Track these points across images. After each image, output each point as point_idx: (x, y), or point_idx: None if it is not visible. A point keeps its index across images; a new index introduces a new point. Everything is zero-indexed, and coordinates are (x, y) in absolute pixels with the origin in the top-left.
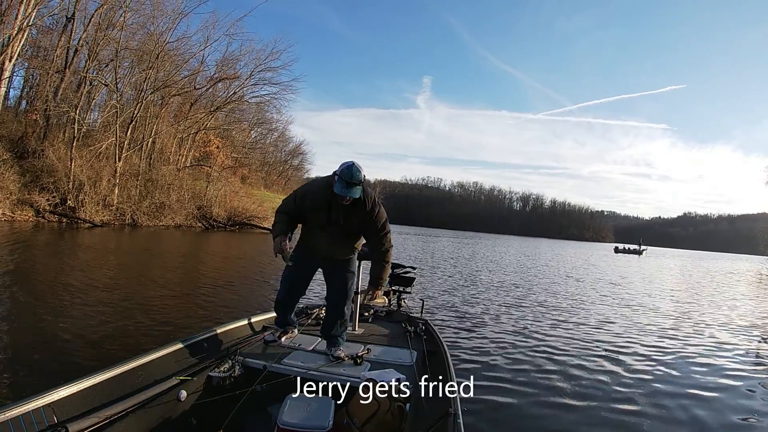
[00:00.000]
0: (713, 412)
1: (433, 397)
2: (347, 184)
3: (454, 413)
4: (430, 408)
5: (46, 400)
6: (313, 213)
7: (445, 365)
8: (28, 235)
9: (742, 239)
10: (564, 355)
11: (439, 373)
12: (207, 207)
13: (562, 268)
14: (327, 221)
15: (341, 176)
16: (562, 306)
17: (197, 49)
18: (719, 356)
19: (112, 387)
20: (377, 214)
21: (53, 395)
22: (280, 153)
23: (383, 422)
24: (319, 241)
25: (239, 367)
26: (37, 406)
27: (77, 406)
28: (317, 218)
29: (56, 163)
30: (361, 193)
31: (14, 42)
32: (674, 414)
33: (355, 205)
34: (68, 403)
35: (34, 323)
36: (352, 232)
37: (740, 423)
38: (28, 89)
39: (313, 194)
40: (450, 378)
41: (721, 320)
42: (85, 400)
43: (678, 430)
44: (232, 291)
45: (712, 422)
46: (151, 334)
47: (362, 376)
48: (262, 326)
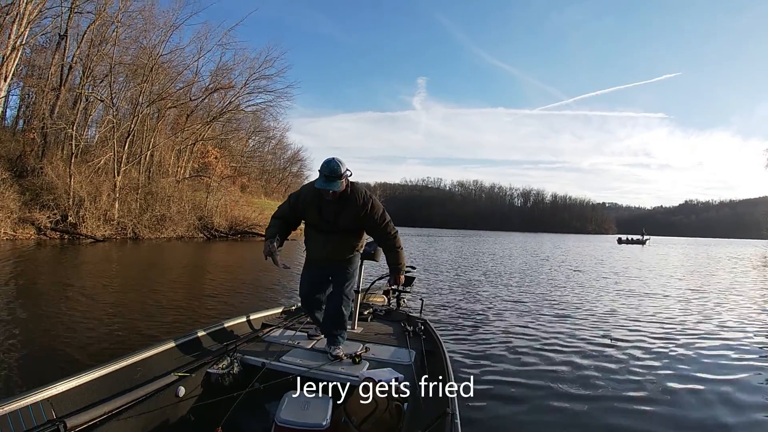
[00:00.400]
0: (728, 407)
1: (431, 397)
2: (326, 177)
3: (452, 413)
4: (427, 407)
5: (45, 395)
6: (306, 211)
7: (443, 365)
8: (31, 253)
9: (744, 224)
10: (565, 353)
11: (438, 373)
12: (208, 217)
13: (566, 262)
14: (320, 219)
15: (321, 171)
16: (564, 302)
17: (191, 60)
18: (734, 346)
19: (111, 382)
20: (372, 207)
21: (51, 390)
22: (279, 160)
23: (381, 421)
24: (318, 243)
25: (238, 365)
26: (35, 400)
27: (75, 401)
28: (311, 217)
29: (56, 180)
30: (350, 189)
31: (8, 62)
32: (683, 412)
33: (347, 202)
34: (66, 398)
35: (34, 327)
36: (348, 229)
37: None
38: (24, 108)
39: (305, 194)
40: (448, 378)
41: (732, 307)
42: (84, 395)
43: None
44: (236, 299)
45: (727, 417)
46: (155, 339)
47: (361, 375)
48: (261, 324)
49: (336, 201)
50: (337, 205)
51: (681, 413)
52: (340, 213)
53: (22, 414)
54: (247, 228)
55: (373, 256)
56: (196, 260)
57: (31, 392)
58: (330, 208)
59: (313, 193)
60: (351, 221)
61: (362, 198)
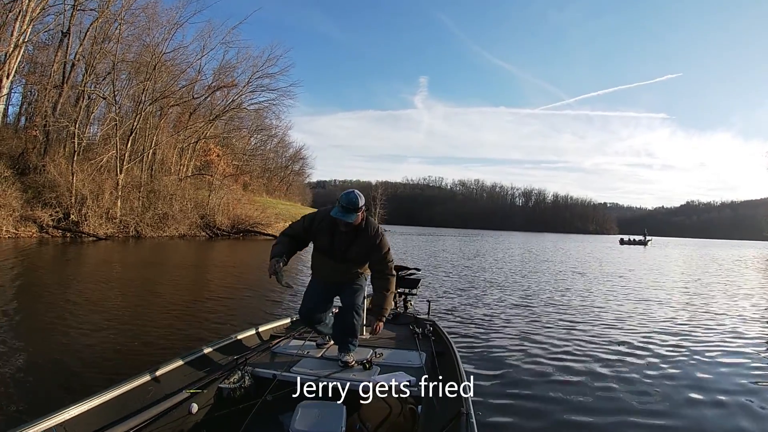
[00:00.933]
0: (735, 412)
1: (445, 398)
2: (344, 208)
3: (467, 413)
4: (441, 409)
5: (57, 420)
6: (318, 236)
7: (455, 365)
8: (33, 251)
9: (745, 225)
10: (578, 353)
11: (450, 374)
12: (210, 216)
13: (569, 263)
14: (330, 246)
15: (340, 201)
16: (572, 303)
17: (194, 58)
18: (740, 352)
19: (123, 403)
20: (380, 242)
21: (64, 414)
22: (281, 159)
23: (395, 425)
24: (326, 269)
25: (249, 378)
26: (48, 426)
27: (89, 424)
28: (322, 242)
29: (58, 178)
30: (364, 222)
31: (11, 59)
32: (692, 413)
33: (358, 234)
34: (80, 422)
35: (42, 341)
36: (355, 260)
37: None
38: (26, 105)
39: (321, 217)
40: (460, 378)
41: (738, 311)
42: (97, 417)
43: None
44: (240, 301)
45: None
46: (160, 346)
47: (372, 381)
48: (269, 335)
49: (349, 232)
50: (349, 236)
51: (699, 412)
52: (352, 244)
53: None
54: (250, 226)
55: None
56: (199, 260)
57: (43, 418)
58: (342, 238)
59: (328, 221)
60: (361, 253)
61: (374, 231)
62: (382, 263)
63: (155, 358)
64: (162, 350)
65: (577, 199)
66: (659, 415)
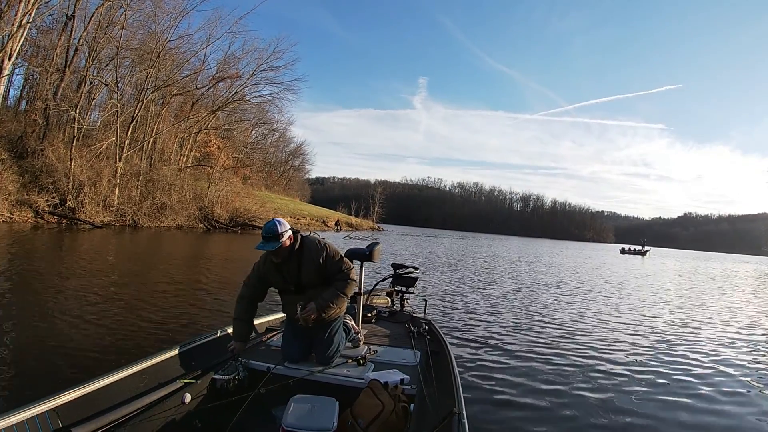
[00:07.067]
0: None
1: (438, 397)
2: (264, 239)
3: (459, 413)
4: (434, 408)
5: (51, 405)
6: (269, 277)
7: (449, 365)
8: (27, 236)
9: (743, 239)
10: (571, 355)
11: (444, 373)
12: (208, 208)
13: (569, 270)
14: (283, 281)
15: (261, 233)
16: (570, 307)
17: (199, 47)
18: (739, 365)
19: (117, 390)
20: (327, 254)
21: (57, 400)
22: (281, 153)
23: (388, 423)
24: (293, 307)
25: (243, 370)
26: (41, 410)
27: (82, 410)
28: (276, 282)
29: (56, 163)
30: (297, 244)
31: (14, 39)
32: (687, 418)
33: (301, 257)
34: (73, 408)
35: (36, 328)
36: (312, 284)
37: None
38: (27, 89)
39: (262, 261)
40: (454, 378)
41: (737, 326)
42: (90, 404)
43: None
44: (236, 294)
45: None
46: (155, 336)
47: (366, 377)
48: (265, 328)
49: (289, 259)
50: (293, 264)
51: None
52: (299, 269)
53: (28, 425)
54: (248, 220)
55: (370, 257)
56: (196, 252)
57: (36, 402)
58: (287, 267)
59: (265, 258)
60: (312, 275)
61: (315, 247)
62: (340, 272)
63: (149, 349)
64: (156, 341)
65: (575, 206)
66: (654, 416)
